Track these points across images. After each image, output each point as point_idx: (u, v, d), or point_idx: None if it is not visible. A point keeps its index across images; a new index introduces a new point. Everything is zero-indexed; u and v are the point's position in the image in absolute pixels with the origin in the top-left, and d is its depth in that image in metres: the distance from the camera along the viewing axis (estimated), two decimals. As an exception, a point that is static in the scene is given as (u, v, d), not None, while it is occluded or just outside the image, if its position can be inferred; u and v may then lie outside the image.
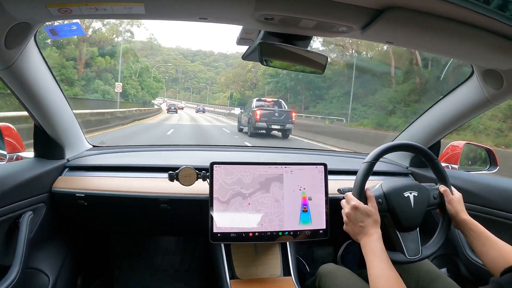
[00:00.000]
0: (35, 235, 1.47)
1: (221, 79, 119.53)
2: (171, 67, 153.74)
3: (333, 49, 32.54)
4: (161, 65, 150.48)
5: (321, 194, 1.53)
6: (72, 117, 1.68)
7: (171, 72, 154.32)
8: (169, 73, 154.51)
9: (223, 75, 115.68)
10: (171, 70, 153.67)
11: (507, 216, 1.48)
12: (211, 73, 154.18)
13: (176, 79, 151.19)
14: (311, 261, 2.06)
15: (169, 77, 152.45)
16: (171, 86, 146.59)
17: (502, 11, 0.91)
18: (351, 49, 31.57)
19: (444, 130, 1.77)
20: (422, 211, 1.24)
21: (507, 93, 1.38)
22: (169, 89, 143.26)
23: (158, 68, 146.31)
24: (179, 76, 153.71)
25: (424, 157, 1.32)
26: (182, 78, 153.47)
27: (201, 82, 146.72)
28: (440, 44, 1.14)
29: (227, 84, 73.18)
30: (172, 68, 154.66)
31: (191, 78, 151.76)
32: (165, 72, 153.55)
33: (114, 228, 2.04)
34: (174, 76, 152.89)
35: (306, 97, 36.33)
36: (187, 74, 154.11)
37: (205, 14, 0.99)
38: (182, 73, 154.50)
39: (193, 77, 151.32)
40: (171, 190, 1.60)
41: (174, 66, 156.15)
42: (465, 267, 1.68)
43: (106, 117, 18.66)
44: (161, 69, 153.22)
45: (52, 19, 1.04)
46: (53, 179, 1.62)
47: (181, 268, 2.27)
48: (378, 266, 1.02)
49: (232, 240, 1.46)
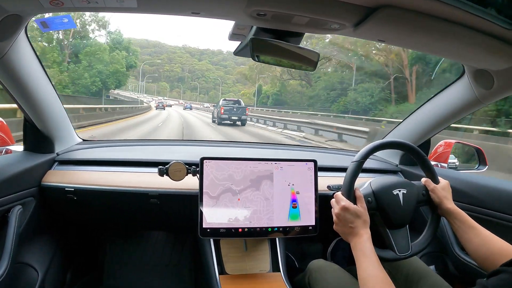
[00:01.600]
0: (24, 229, 1.46)
1: (234, 74, 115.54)
2: (176, 65, 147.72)
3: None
4: (165, 63, 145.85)
5: (311, 190, 1.54)
6: (62, 111, 1.67)
7: (177, 71, 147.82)
8: (174, 72, 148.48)
9: (237, 70, 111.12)
10: (177, 69, 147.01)
11: (496, 215, 1.49)
12: (220, 72, 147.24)
13: (182, 78, 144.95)
14: (301, 257, 2.07)
15: (174, 76, 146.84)
16: (176, 86, 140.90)
17: (494, 12, 0.92)
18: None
19: (434, 128, 1.78)
20: (411, 208, 1.24)
21: (497, 93, 1.39)
22: (174, 89, 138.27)
23: (162, 67, 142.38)
24: (185, 75, 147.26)
25: (413, 155, 1.33)
26: (189, 77, 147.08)
27: (210, 81, 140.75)
28: (431, 43, 1.15)
29: (251, 77, 54.02)
30: (177, 67, 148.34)
31: (198, 77, 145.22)
32: (170, 71, 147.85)
33: (104, 223, 2.03)
34: (179, 75, 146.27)
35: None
36: (194, 73, 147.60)
37: (198, 9, 0.98)
38: (189, 72, 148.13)
39: (201, 76, 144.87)
40: (161, 185, 1.60)
41: (180, 64, 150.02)
42: (453, 265, 1.70)
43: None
44: (166, 68, 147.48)
45: (43, 12, 1.03)
46: (42, 173, 1.61)
47: (170, 263, 2.26)
48: (367, 267, 1.03)
49: (222, 235, 1.46)
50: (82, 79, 26.53)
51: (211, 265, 1.54)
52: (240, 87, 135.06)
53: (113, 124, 16.96)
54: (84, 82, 26.51)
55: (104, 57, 28.31)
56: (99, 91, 26.96)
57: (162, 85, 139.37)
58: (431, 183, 1.27)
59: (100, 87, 27.22)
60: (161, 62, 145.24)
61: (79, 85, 26.54)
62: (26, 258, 1.54)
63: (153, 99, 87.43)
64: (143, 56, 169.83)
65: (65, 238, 1.85)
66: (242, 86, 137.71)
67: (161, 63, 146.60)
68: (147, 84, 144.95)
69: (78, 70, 26.89)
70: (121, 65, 29.45)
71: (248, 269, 1.57)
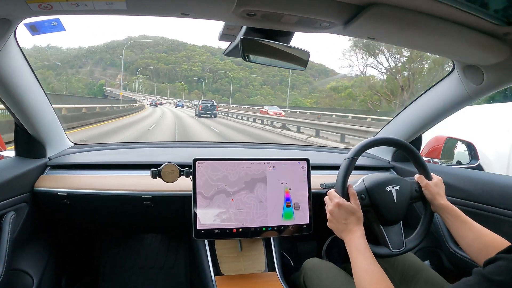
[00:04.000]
0: (18, 235, 1.45)
1: (260, 75, 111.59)
2: (195, 64, 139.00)
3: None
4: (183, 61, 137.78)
5: (304, 189, 1.54)
6: (53, 115, 1.66)
7: (196, 70, 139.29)
8: (193, 71, 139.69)
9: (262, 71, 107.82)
10: (196, 68, 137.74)
11: (488, 209, 1.50)
12: (245, 72, 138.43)
13: (202, 79, 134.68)
14: (296, 256, 2.07)
15: (193, 76, 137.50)
16: (195, 87, 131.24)
17: (483, 8, 0.93)
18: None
19: (426, 125, 1.79)
20: (405, 205, 1.25)
21: (487, 88, 1.41)
22: (193, 91, 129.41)
23: (179, 65, 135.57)
24: (206, 75, 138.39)
25: (405, 152, 1.33)
26: (210, 78, 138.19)
27: (234, 82, 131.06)
28: (421, 40, 1.16)
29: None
30: (197, 66, 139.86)
31: (221, 78, 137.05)
32: (189, 70, 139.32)
33: (98, 227, 2.02)
34: (199, 75, 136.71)
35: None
36: (216, 73, 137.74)
37: (187, 10, 0.98)
38: (210, 72, 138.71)
39: (224, 77, 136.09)
40: (154, 187, 1.60)
41: (200, 63, 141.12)
42: (448, 259, 1.71)
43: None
44: (184, 66, 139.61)
45: (32, 15, 1.02)
46: (34, 178, 1.60)
47: (165, 266, 2.26)
48: (362, 263, 1.03)
49: (216, 236, 1.46)
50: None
51: (206, 266, 1.54)
52: (268, 90, 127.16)
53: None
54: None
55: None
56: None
57: (179, 86, 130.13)
58: (424, 179, 1.28)
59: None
60: (178, 60, 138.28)
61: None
62: (21, 265, 1.53)
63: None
64: (158, 54, 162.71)
65: (59, 243, 1.84)
66: (270, 89, 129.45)
67: (178, 61, 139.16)
68: (160, 85, 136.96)
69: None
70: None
71: (244, 269, 1.57)
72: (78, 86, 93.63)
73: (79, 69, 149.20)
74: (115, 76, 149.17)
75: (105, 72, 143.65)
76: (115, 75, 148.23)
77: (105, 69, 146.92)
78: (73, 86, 74.99)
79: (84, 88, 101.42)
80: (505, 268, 0.73)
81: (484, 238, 1.10)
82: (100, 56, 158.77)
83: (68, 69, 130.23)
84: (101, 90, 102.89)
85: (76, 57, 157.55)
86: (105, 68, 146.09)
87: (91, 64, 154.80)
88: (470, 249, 1.12)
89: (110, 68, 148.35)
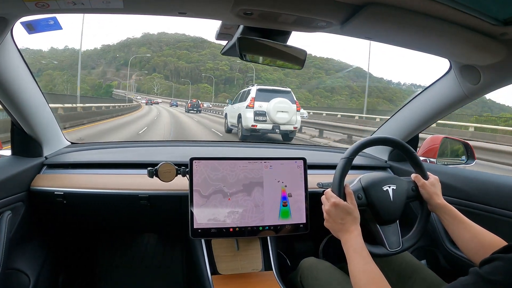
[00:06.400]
0: (15, 235, 1.44)
1: (294, 77, 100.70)
2: (222, 63, 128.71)
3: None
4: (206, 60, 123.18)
5: (301, 188, 1.54)
6: (50, 114, 1.65)
7: (223, 70, 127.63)
8: (220, 71, 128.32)
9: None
10: (223, 67, 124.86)
11: (485, 209, 1.51)
12: (278, 73, 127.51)
13: (230, 79, 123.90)
14: (292, 255, 2.07)
15: (220, 76, 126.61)
16: (222, 89, 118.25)
17: (480, 8, 0.93)
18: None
19: (422, 124, 1.80)
20: (401, 204, 1.25)
21: (484, 88, 1.41)
22: (219, 94, 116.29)
23: (203, 64, 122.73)
24: (235, 75, 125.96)
25: (402, 151, 1.33)
26: (240, 79, 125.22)
27: (268, 84, 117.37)
28: (418, 40, 1.17)
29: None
30: (224, 65, 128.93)
31: (252, 79, 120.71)
32: (215, 69, 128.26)
33: (94, 226, 2.01)
34: (227, 75, 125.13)
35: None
36: (247, 73, 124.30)
37: (184, 9, 0.99)
38: (240, 72, 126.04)
39: (256, 78, 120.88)
40: (151, 187, 1.60)
41: (228, 61, 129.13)
42: (444, 259, 1.72)
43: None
44: (208, 65, 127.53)
45: (29, 14, 1.02)
46: (31, 177, 1.59)
47: (162, 265, 2.26)
48: (359, 262, 1.03)
49: (213, 235, 1.46)
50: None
51: (203, 266, 1.54)
52: (306, 94, 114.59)
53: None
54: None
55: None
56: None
57: (203, 87, 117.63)
58: (421, 179, 1.28)
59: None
60: (202, 58, 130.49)
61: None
62: (17, 264, 1.53)
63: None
64: (179, 51, 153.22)
65: (56, 243, 1.84)
66: (308, 92, 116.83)
67: (202, 59, 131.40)
68: (181, 87, 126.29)
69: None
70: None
71: (241, 269, 1.57)
72: (82, 87, 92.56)
73: (91, 70, 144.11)
74: (129, 76, 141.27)
75: (118, 73, 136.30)
76: (129, 75, 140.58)
77: (119, 70, 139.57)
78: (75, 87, 73.33)
79: (89, 89, 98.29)
80: (501, 268, 0.73)
81: (480, 238, 1.10)
82: (113, 54, 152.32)
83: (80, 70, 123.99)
84: (108, 92, 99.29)
85: (89, 57, 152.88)
86: (118, 68, 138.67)
87: (104, 64, 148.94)
88: (467, 248, 1.13)
89: (124, 68, 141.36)
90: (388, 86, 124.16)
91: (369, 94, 43.34)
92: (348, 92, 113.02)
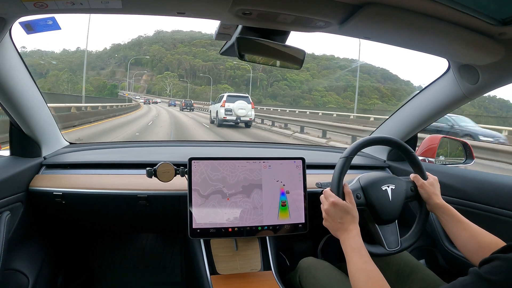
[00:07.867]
0: (13, 235, 1.44)
1: (320, 78, 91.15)
2: (243, 63, 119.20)
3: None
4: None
5: (300, 188, 1.54)
6: (48, 115, 1.65)
7: (245, 68, 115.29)
8: (241, 70, 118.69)
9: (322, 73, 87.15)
10: (245, 65, 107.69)
11: (483, 208, 1.51)
12: (305, 74, 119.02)
13: (253, 80, 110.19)
14: (291, 255, 2.07)
15: (242, 77, 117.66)
16: (244, 90, 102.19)
17: (479, 8, 0.93)
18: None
19: (421, 124, 1.80)
20: (400, 204, 1.25)
21: (482, 88, 1.41)
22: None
23: (223, 63, 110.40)
24: (258, 75, 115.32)
25: (401, 151, 1.34)
26: (264, 79, 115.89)
27: (293, 86, 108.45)
28: (416, 39, 1.17)
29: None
30: (245, 64, 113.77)
31: (277, 80, 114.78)
32: (236, 69, 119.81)
33: (93, 226, 2.01)
34: (248, 76, 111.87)
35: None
36: (271, 73, 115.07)
37: (183, 9, 0.99)
38: (264, 72, 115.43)
39: (281, 79, 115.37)
40: (150, 187, 1.60)
41: (248, 62, 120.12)
42: (443, 258, 1.72)
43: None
44: (228, 64, 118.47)
45: (28, 14, 1.02)
46: (30, 177, 1.59)
47: (161, 265, 2.26)
48: (357, 262, 1.03)
49: (212, 235, 1.46)
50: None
51: (202, 266, 1.54)
52: (335, 97, 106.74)
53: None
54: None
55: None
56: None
57: (223, 88, 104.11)
58: (420, 179, 1.28)
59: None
60: (221, 55, 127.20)
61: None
62: (16, 264, 1.52)
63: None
64: (195, 48, 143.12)
65: (55, 243, 1.83)
66: (337, 95, 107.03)
67: (221, 57, 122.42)
68: (197, 88, 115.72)
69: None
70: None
71: (239, 269, 1.57)
72: (85, 87, 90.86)
73: (100, 71, 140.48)
74: (140, 76, 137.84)
75: (127, 73, 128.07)
76: (139, 75, 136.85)
77: (129, 70, 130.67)
78: (77, 88, 70.15)
79: (93, 90, 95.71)
80: (501, 268, 0.73)
81: (479, 238, 1.10)
82: (123, 53, 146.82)
83: (88, 71, 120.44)
84: (112, 93, 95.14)
85: (98, 57, 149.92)
86: (128, 68, 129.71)
87: (113, 65, 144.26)
88: (465, 248, 1.13)
89: (134, 68, 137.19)
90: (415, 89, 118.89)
91: (398, 98, 44.16)
92: (377, 95, 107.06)
